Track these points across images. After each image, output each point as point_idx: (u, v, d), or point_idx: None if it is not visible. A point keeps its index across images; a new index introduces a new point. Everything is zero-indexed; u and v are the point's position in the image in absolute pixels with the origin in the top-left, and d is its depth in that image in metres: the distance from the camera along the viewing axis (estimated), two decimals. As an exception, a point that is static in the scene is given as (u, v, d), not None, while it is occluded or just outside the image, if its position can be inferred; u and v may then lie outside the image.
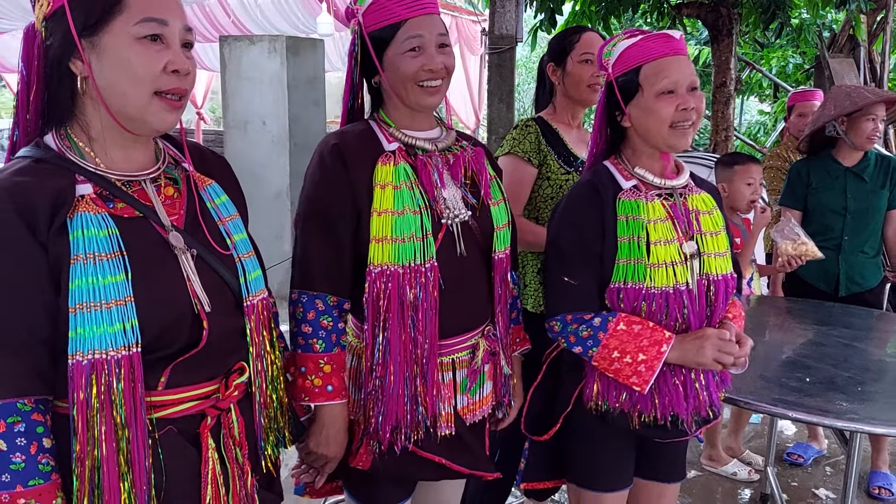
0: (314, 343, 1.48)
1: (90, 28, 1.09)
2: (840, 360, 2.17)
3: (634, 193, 1.62)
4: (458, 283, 1.55)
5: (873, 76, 6.45)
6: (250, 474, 1.27)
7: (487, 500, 2.63)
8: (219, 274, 1.22)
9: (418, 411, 1.52)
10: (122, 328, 1.07)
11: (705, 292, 1.63)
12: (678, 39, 1.61)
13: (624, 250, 1.59)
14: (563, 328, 1.63)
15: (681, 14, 5.72)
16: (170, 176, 1.23)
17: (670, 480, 1.84)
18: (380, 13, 1.51)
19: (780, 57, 8.96)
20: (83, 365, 1.06)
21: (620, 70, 1.64)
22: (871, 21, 6.44)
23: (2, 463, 1.04)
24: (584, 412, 1.69)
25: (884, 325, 2.66)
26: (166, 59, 1.11)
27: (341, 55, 10.35)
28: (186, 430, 1.19)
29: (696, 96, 1.59)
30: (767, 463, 3.06)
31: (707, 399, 1.67)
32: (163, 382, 1.15)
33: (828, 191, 3.10)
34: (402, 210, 1.47)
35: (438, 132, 1.64)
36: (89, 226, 1.08)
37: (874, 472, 3.22)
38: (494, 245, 1.63)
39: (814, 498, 3.13)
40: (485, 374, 1.65)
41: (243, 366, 1.26)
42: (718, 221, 1.69)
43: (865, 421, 1.75)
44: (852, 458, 2.00)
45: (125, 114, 1.13)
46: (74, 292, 1.06)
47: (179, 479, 1.17)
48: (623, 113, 1.65)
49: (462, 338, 1.59)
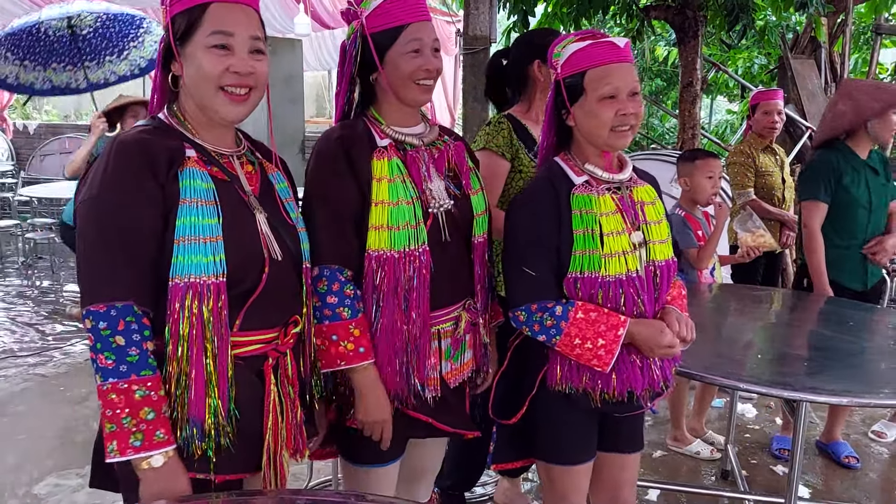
0: (342, 311, 1.61)
1: (181, 38, 1.39)
2: (792, 339, 2.34)
3: (586, 188, 1.73)
4: (443, 265, 1.71)
5: (833, 76, 6.68)
6: (299, 408, 1.52)
7: (463, 479, 2.77)
8: (282, 237, 1.47)
9: (411, 380, 1.68)
10: (213, 260, 1.33)
11: (652, 278, 1.74)
12: (623, 48, 1.70)
13: (579, 242, 1.69)
14: (528, 317, 1.72)
15: (649, 16, 5.88)
16: (250, 159, 1.53)
17: (631, 451, 1.95)
18: (384, 17, 1.66)
19: (746, 58, 9.20)
20: (181, 286, 1.32)
21: (568, 72, 1.73)
22: (831, 23, 6.66)
23: (120, 355, 1.27)
24: (547, 394, 1.80)
25: (838, 309, 2.82)
26: (228, 63, 1.38)
27: (316, 54, 10.41)
28: (253, 367, 1.44)
29: (635, 101, 1.69)
30: (728, 442, 3.23)
31: (660, 375, 1.80)
32: (238, 325, 1.40)
33: (855, 185, 3.06)
34: (397, 201, 1.63)
35: (423, 128, 1.79)
36: (195, 177, 1.36)
37: (835, 443, 3.41)
38: (474, 230, 1.79)
39: (772, 474, 3.31)
40: (466, 343, 1.82)
41: (297, 319, 1.51)
42: (660, 210, 1.81)
43: (810, 391, 1.89)
44: (799, 426, 2.16)
45: (201, 103, 1.42)
46: (180, 227, 1.32)
47: (247, 406, 1.41)
48: (568, 112, 1.75)
49: (446, 311, 1.75)
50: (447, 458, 2.46)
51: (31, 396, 4.00)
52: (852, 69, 7.86)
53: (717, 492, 3.06)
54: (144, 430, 1.27)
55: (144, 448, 1.27)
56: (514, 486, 2.90)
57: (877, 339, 2.49)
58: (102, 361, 1.27)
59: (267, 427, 1.43)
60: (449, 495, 2.73)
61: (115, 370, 1.27)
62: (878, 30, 6.75)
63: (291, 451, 1.51)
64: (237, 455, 1.39)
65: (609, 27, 8.27)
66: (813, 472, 3.32)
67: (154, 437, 1.28)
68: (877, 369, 2.15)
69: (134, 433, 1.27)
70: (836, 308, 2.84)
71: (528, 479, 3.11)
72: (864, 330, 2.58)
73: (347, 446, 1.81)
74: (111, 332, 1.27)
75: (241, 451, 1.40)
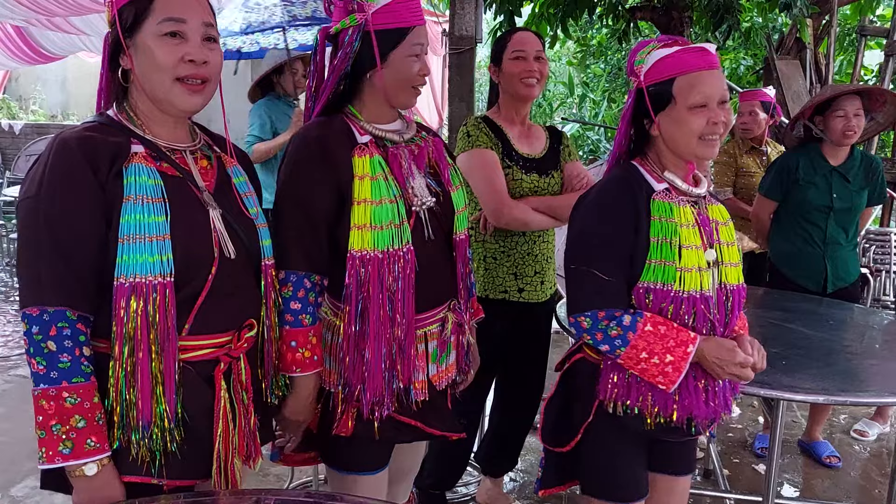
0: (304, 318, 1.59)
1: (129, 30, 1.34)
2: (770, 337, 2.34)
3: (667, 196, 1.64)
4: (428, 264, 1.67)
5: (819, 77, 6.71)
6: (253, 414, 1.48)
7: (445, 478, 2.76)
8: (238, 235, 1.44)
9: (395, 383, 1.64)
10: (160, 259, 1.30)
11: (724, 301, 1.65)
12: (713, 54, 1.62)
13: (655, 251, 1.59)
14: (592, 325, 1.62)
15: (635, 17, 5.90)
16: (205, 153, 1.48)
17: (680, 473, 1.85)
18: (392, 15, 1.61)
19: (732, 59, 9.24)
20: (125, 287, 1.28)
21: (653, 79, 1.64)
22: (816, 25, 6.70)
23: (51, 361, 1.25)
24: (600, 421, 1.70)
25: (815, 308, 2.83)
26: (183, 52, 1.34)
27: (305, 54, 10.37)
28: (202, 373, 1.40)
29: (725, 110, 1.61)
30: (710, 441, 3.24)
31: (722, 402, 1.70)
32: (186, 329, 1.36)
33: (814, 188, 3.09)
34: (380, 200, 1.59)
35: (401, 124, 1.76)
36: (140, 174, 1.32)
37: (816, 443, 3.43)
38: (455, 227, 1.77)
39: (754, 473, 3.32)
40: (451, 345, 1.78)
41: (253, 322, 1.46)
42: (732, 233, 1.73)
43: (787, 389, 1.90)
44: (777, 424, 2.17)
45: (155, 96, 1.37)
46: (124, 225, 1.29)
47: (196, 411, 1.38)
48: (652, 121, 1.66)
49: (432, 312, 1.73)
50: (428, 457, 2.46)
51: (11, 399, 3.96)
52: (837, 71, 7.91)
53: (699, 491, 3.07)
54: (74, 437, 1.25)
55: (73, 456, 1.25)
56: (496, 486, 2.90)
57: (856, 338, 2.50)
58: (34, 366, 1.25)
59: (217, 433, 1.39)
60: (430, 495, 2.72)
61: (46, 376, 1.25)
62: (863, 31, 6.77)
63: (244, 457, 1.47)
64: (187, 460, 1.37)
65: (596, 27, 8.29)
66: (795, 471, 3.33)
67: (84, 445, 1.26)
68: (855, 368, 2.16)
69: (63, 441, 1.24)
70: (817, 307, 2.85)
71: (511, 478, 3.10)
72: (843, 329, 2.59)
73: (333, 455, 1.77)
74: (43, 338, 1.25)
75: (192, 456, 1.37)
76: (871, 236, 5.00)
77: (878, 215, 5.55)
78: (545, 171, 2.43)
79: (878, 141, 6.47)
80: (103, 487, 1.30)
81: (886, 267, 4.91)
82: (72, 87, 12.07)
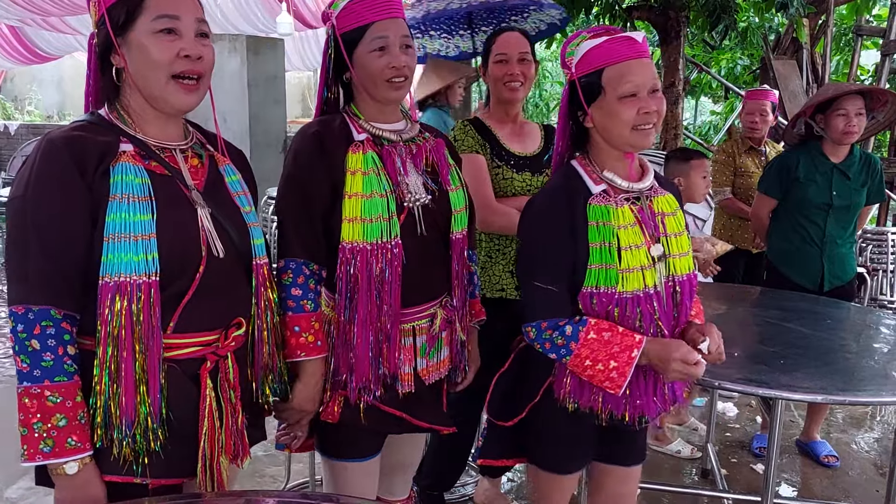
0: (305, 304, 1.63)
1: (121, 28, 1.34)
2: (767, 337, 2.34)
3: (604, 198, 1.63)
4: (419, 260, 1.70)
5: (815, 77, 6.73)
6: (241, 413, 1.47)
7: (443, 478, 2.75)
8: (228, 233, 1.43)
9: (381, 370, 1.68)
10: (145, 258, 1.29)
11: (672, 294, 1.66)
12: (641, 42, 1.62)
13: (595, 256, 1.60)
14: (538, 335, 1.64)
15: (632, 17, 5.91)
16: (196, 152, 1.47)
17: (632, 463, 1.88)
18: (350, 16, 1.67)
19: (729, 59, 9.25)
20: (110, 286, 1.28)
21: (583, 71, 1.64)
22: (812, 24, 6.72)
23: (34, 360, 1.25)
24: (550, 403, 1.73)
25: (813, 307, 2.82)
26: (178, 48, 1.34)
27: (301, 54, 10.37)
28: (188, 371, 1.39)
29: (657, 98, 1.60)
30: (708, 441, 3.23)
31: (672, 396, 1.73)
32: (172, 326, 1.35)
33: (814, 185, 3.09)
34: (371, 194, 1.63)
35: (403, 124, 1.79)
36: (127, 172, 1.31)
37: (814, 442, 3.42)
38: (452, 226, 1.79)
39: (752, 472, 3.31)
40: (442, 340, 1.81)
41: (241, 321, 1.45)
42: (681, 222, 1.72)
43: (785, 388, 1.89)
44: (775, 424, 2.16)
45: (150, 94, 1.37)
46: (109, 224, 1.28)
47: (182, 410, 1.37)
48: (585, 113, 1.66)
49: (422, 307, 1.75)
50: (426, 457, 2.45)
51: (3, 399, 3.94)
52: (833, 70, 7.92)
53: (697, 490, 3.06)
54: (55, 436, 1.25)
55: (54, 455, 1.25)
56: (494, 486, 2.89)
57: (854, 337, 2.49)
58: (19, 364, 1.26)
59: (202, 432, 1.39)
60: (428, 495, 2.71)
61: (30, 374, 1.25)
62: (859, 31, 6.78)
63: (231, 456, 1.45)
64: (172, 459, 1.36)
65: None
66: (793, 470, 3.33)
67: (66, 443, 1.26)
68: (853, 367, 2.15)
69: (44, 439, 1.25)
70: (814, 306, 2.84)
71: (509, 479, 3.09)
72: (841, 328, 2.59)
73: (324, 441, 1.80)
74: (27, 336, 1.25)
75: (176, 454, 1.37)
76: (868, 236, 5.00)
77: (875, 215, 5.55)
78: (538, 170, 2.42)
79: (875, 141, 6.48)
80: (84, 486, 1.30)
81: (883, 266, 4.91)
82: (67, 87, 12.06)
